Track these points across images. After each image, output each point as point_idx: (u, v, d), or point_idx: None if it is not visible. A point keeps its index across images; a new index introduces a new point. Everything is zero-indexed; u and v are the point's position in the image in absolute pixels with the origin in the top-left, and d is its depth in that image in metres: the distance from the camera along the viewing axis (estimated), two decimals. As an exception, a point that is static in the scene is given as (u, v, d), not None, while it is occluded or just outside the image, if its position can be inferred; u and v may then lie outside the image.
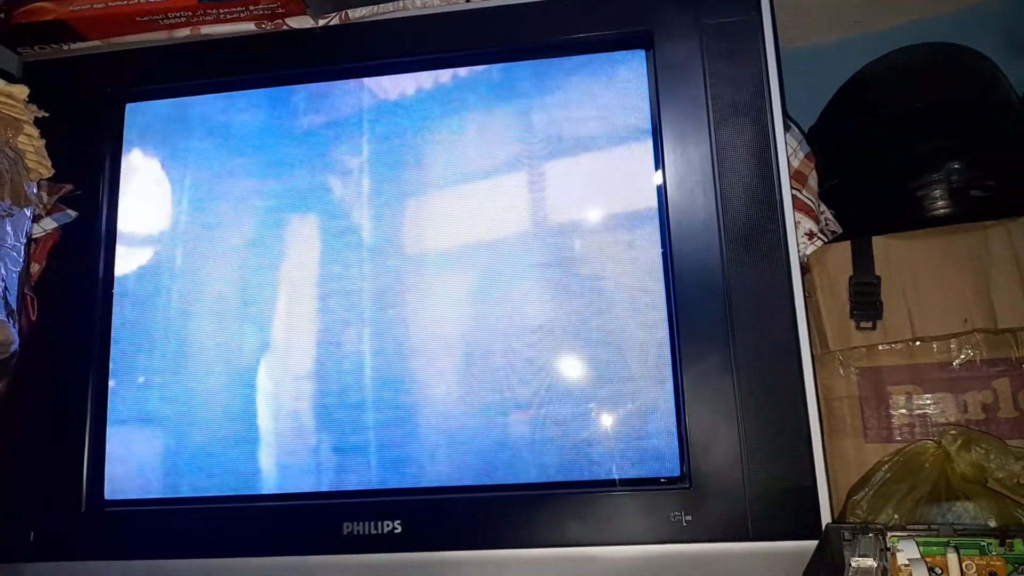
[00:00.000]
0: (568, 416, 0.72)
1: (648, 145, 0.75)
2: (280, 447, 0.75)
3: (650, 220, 0.74)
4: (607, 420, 0.72)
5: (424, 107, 0.80)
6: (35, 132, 0.78)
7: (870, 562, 0.54)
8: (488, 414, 0.73)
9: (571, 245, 0.75)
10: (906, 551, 0.54)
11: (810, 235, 0.78)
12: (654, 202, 0.74)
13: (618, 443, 0.71)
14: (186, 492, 0.76)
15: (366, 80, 0.81)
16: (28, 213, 0.77)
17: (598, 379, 0.73)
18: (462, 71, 0.80)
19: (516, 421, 0.73)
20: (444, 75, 0.80)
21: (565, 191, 0.76)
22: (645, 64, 0.76)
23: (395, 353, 0.76)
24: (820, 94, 0.91)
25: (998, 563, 0.54)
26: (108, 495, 0.76)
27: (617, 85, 0.77)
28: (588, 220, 0.76)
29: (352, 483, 0.74)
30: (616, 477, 0.70)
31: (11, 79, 0.80)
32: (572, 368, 0.74)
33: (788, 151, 0.74)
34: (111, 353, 0.79)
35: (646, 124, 0.75)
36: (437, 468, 0.73)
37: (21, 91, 0.77)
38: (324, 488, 0.74)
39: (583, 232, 0.76)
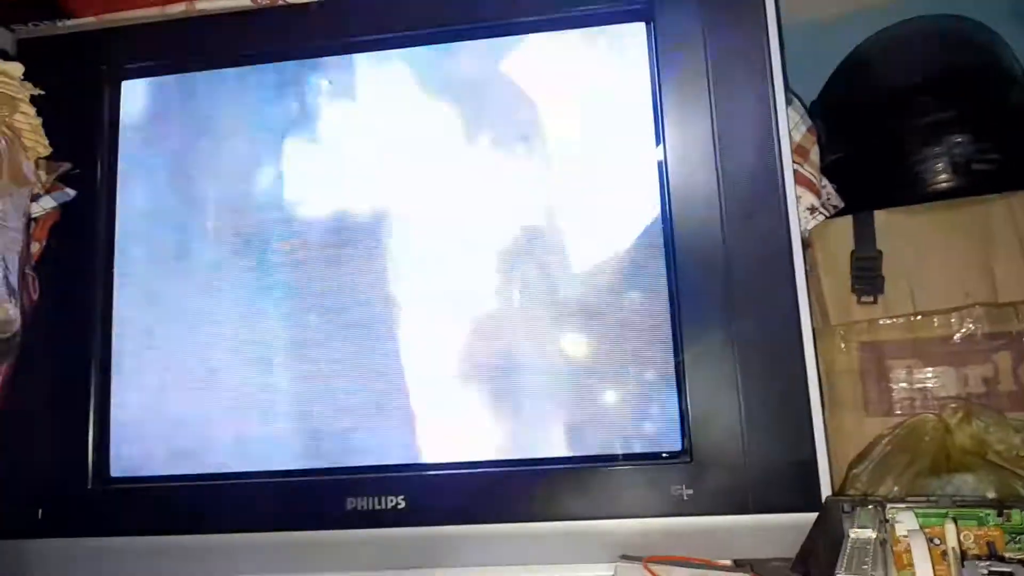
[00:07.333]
0: (570, 392, 0.72)
1: (649, 119, 0.74)
2: (285, 424, 0.76)
3: (651, 195, 0.73)
4: (609, 396, 0.72)
5: (418, 73, 0.79)
6: (31, 110, 0.77)
7: (869, 533, 0.54)
8: (491, 390, 0.74)
9: (570, 223, 0.75)
10: (905, 522, 0.54)
11: (812, 210, 0.79)
12: (655, 177, 0.74)
13: (620, 418, 0.71)
14: (191, 469, 0.76)
15: (361, 54, 0.81)
16: (26, 192, 0.77)
17: (600, 355, 0.73)
18: (459, 43, 0.79)
19: (519, 397, 0.73)
20: (441, 46, 0.80)
21: (565, 168, 0.76)
22: (645, 37, 0.75)
23: (397, 328, 0.76)
24: (822, 67, 0.90)
25: (996, 533, 0.54)
26: (113, 472, 0.77)
27: (617, 59, 0.76)
28: (588, 197, 0.76)
29: (356, 459, 0.74)
30: (618, 452, 0.71)
31: (6, 57, 0.80)
32: (574, 345, 0.74)
33: (790, 125, 0.73)
34: (114, 331, 0.79)
35: (647, 98, 0.75)
36: (440, 444, 0.74)
37: (16, 69, 0.76)
38: (328, 464, 0.74)
39: (582, 210, 0.75)
